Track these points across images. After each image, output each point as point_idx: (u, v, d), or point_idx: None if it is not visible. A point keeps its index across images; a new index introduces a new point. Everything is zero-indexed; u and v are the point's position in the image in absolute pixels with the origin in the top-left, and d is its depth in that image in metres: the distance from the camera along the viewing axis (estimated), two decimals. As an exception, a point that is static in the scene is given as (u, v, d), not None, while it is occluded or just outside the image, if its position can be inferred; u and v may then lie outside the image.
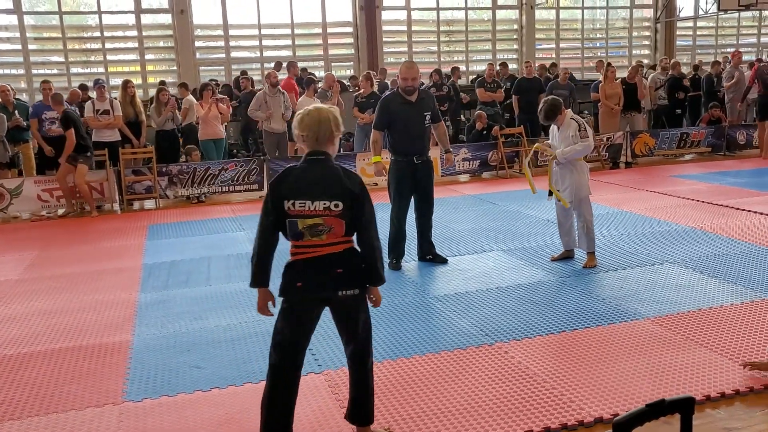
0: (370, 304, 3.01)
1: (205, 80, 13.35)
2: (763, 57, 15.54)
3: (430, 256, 6.10)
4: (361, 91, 10.77)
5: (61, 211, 9.42)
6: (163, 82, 12.25)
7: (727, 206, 7.76)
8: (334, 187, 2.83)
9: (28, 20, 14.45)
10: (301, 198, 2.82)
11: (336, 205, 2.82)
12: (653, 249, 6.10)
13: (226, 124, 11.00)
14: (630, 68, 12.19)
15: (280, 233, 2.92)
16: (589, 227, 5.66)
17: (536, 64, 14.26)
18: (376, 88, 10.89)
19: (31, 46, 14.51)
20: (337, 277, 2.86)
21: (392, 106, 5.86)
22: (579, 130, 5.48)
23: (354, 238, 2.94)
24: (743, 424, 3.15)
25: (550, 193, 5.77)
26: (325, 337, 4.35)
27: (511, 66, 17.58)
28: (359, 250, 2.93)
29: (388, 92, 7.05)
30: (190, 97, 10.78)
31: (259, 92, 10.74)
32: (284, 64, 12.97)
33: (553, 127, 5.72)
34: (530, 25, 17.60)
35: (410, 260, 6.18)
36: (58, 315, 5.07)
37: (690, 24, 19.44)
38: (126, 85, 10.32)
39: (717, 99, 13.12)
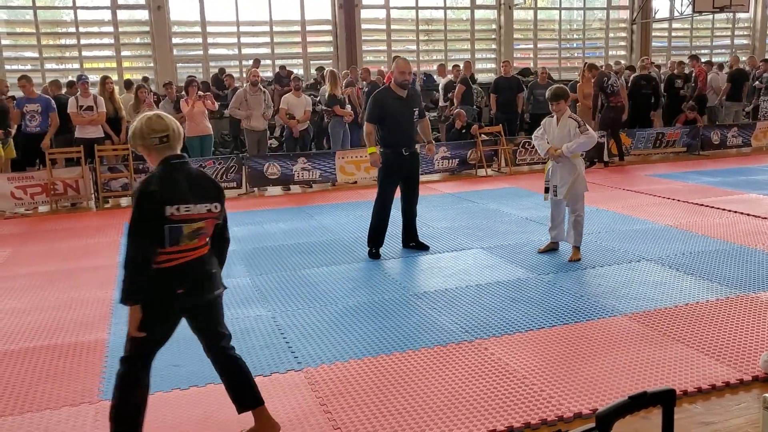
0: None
1: (183, 77, 13.22)
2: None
3: (413, 243, 6.44)
4: (329, 90, 10.81)
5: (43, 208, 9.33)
6: (145, 78, 12.11)
7: (702, 204, 7.87)
8: (214, 188, 2.92)
9: (1, 15, 14.21)
10: (188, 203, 2.77)
11: (216, 207, 2.88)
12: (630, 247, 6.16)
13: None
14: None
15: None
16: (579, 222, 5.82)
17: (514, 64, 14.33)
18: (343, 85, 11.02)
19: (4, 41, 14.27)
20: (213, 277, 2.94)
21: (385, 100, 6.10)
22: (579, 127, 5.70)
23: None
24: (720, 419, 3.19)
25: (546, 190, 5.89)
26: (305, 335, 4.34)
27: (490, 65, 17.72)
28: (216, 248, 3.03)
29: (379, 88, 7.15)
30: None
31: (239, 90, 10.67)
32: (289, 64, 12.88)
33: (551, 122, 5.85)
34: (508, 25, 17.70)
35: (390, 257, 6.18)
36: (32, 313, 4.99)
37: (665, 25, 19.69)
38: (104, 81, 10.18)
39: (679, 98, 13.31)
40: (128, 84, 12.01)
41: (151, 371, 2.94)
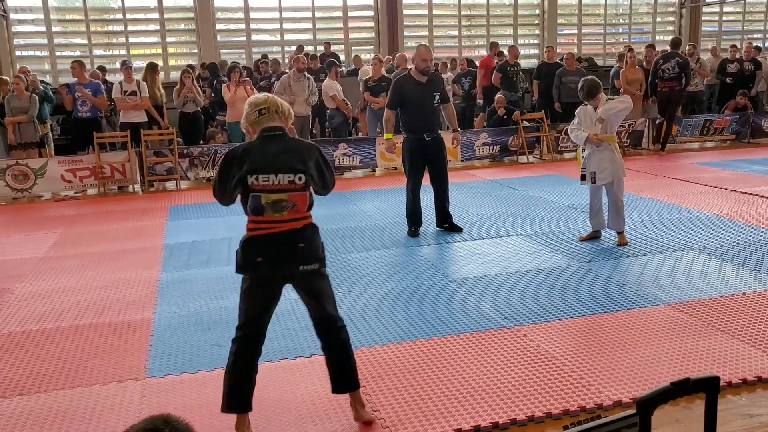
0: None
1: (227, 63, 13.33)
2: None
3: (446, 224, 6.53)
4: (371, 74, 10.74)
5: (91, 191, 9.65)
6: (191, 66, 12.25)
7: (750, 194, 7.66)
8: (301, 159, 2.87)
9: (52, 2, 14.54)
10: (266, 173, 2.83)
11: (300, 178, 2.85)
12: (675, 235, 6.05)
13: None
14: (646, 52, 12.01)
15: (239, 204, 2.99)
16: (620, 207, 5.80)
17: (557, 49, 14.08)
18: (384, 72, 10.87)
19: (54, 28, 14.60)
20: (299, 252, 2.87)
21: (404, 86, 6.25)
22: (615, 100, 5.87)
23: (311, 213, 2.98)
24: (765, 411, 3.13)
25: (583, 178, 5.83)
26: (345, 318, 4.32)
27: (533, 51, 17.47)
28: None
29: (400, 74, 7.21)
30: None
31: (283, 76, 10.73)
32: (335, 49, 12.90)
33: (586, 110, 5.81)
34: (552, 9, 17.38)
35: (429, 243, 6.19)
36: (81, 292, 5.15)
37: (716, 9, 19.10)
38: (155, 67, 10.38)
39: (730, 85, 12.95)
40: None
41: (260, 342, 3.01)
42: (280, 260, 2.87)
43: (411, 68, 6.38)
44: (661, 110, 11.23)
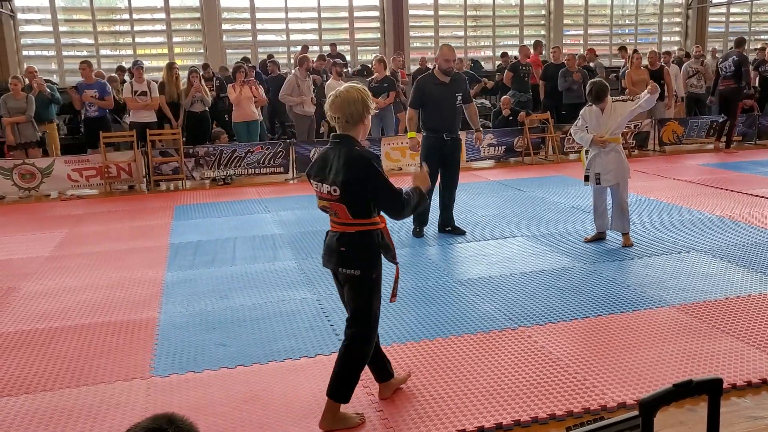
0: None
1: (232, 63, 13.36)
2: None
3: (449, 228, 6.51)
4: (375, 75, 10.72)
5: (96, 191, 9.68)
6: (193, 68, 12.27)
7: (757, 195, 7.64)
8: (337, 173, 2.93)
9: (59, 2, 14.60)
10: (316, 179, 3.04)
11: (335, 191, 2.95)
12: (680, 237, 6.04)
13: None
14: (650, 54, 11.97)
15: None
16: (624, 208, 5.79)
17: (564, 50, 14.04)
18: (389, 73, 10.85)
19: (61, 28, 14.66)
20: (340, 255, 3.03)
21: (427, 86, 6.28)
22: (632, 99, 5.90)
23: (372, 219, 3.06)
24: (769, 413, 3.13)
25: (587, 179, 5.82)
26: (349, 318, 4.39)
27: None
28: (375, 233, 3.08)
29: (423, 73, 7.23)
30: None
31: (290, 77, 10.75)
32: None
33: (592, 111, 5.78)
34: (558, 10, 17.37)
35: (434, 244, 6.19)
36: (87, 291, 5.17)
37: (723, 10, 19.05)
38: (171, 67, 10.45)
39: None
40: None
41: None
42: (328, 258, 3.11)
43: (435, 67, 6.39)
44: (722, 108, 11.38)
